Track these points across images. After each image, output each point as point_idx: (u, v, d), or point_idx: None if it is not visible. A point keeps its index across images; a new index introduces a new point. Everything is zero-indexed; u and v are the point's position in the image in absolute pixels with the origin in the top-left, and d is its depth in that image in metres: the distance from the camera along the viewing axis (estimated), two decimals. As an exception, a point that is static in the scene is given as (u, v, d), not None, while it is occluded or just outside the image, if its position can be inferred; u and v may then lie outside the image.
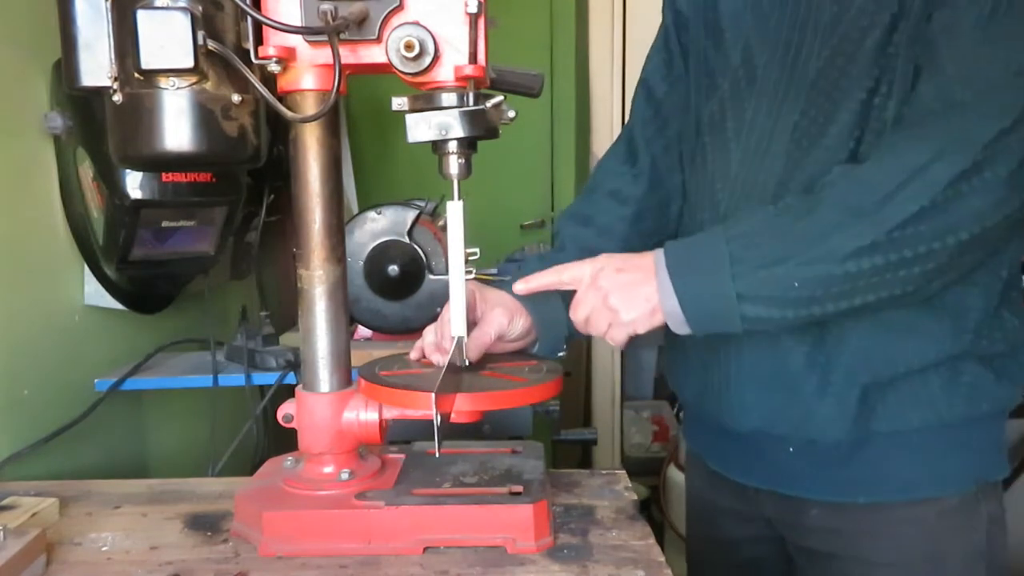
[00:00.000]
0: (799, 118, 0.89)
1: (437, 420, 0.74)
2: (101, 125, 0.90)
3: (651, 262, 0.84)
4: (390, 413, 0.87)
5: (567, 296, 0.91)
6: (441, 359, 0.91)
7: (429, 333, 0.95)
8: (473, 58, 0.77)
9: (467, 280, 0.84)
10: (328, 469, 0.88)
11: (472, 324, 0.93)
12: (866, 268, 0.76)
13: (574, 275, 0.88)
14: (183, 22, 0.78)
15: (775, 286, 0.79)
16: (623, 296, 0.84)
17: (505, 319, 0.95)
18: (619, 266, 0.86)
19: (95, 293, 1.36)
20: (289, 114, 0.79)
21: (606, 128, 2.90)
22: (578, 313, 0.88)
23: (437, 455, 0.79)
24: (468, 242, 0.81)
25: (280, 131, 1.32)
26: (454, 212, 0.80)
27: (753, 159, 0.93)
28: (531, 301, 0.97)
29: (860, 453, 0.91)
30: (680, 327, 0.84)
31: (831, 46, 0.86)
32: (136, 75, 0.81)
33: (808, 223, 0.79)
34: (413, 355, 0.97)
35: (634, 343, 0.88)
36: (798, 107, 0.89)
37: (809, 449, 0.93)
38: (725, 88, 0.97)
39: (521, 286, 0.91)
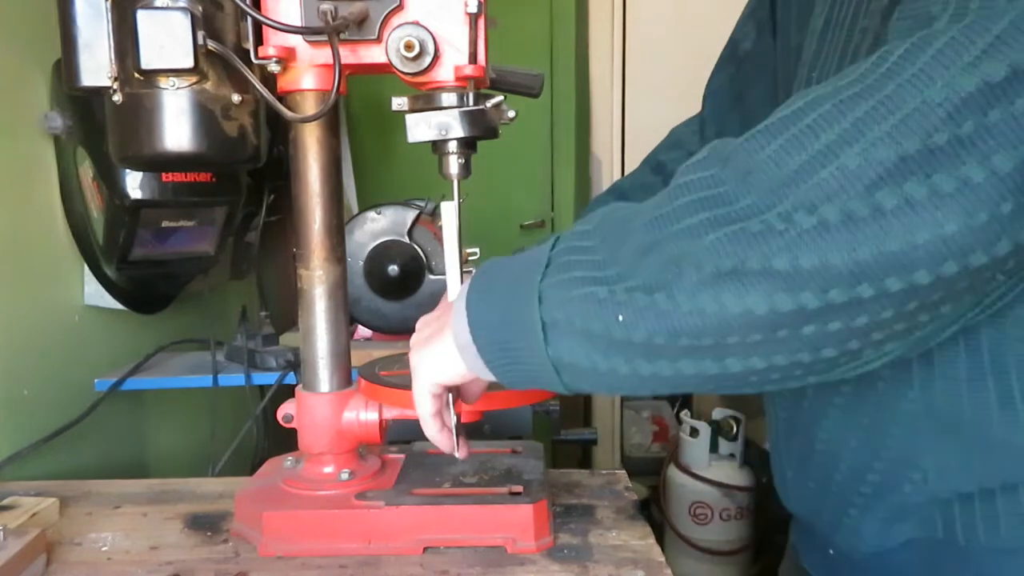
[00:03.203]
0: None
1: (453, 420, 0.73)
2: (101, 125, 0.90)
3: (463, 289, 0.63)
4: (390, 413, 0.87)
5: None
6: None
7: None
8: (473, 58, 0.77)
9: (465, 275, 0.83)
10: (328, 469, 0.88)
11: None
12: (734, 312, 0.49)
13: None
14: (183, 22, 0.78)
15: (592, 315, 0.53)
16: (422, 344, 0.68)
17: None
18: (432, 315, 0.71)
19: (95, 293, 1.36)
20: (289, 114, 0.79)
21: (606, 128, 2.90)
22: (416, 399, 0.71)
23: (458, 455, 0.77)
24: (468, 242, 0.81)
25: (280, 131, 1.32)
26: (448, 212, 0.80)
27: None
28: None
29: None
30: (483, 371, 0.61)
31: None
32: (136, 75, 0.81)
33: (654, 221, 0.53)
34: None
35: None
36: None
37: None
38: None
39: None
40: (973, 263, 0.46)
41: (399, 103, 0.80)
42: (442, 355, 0.64)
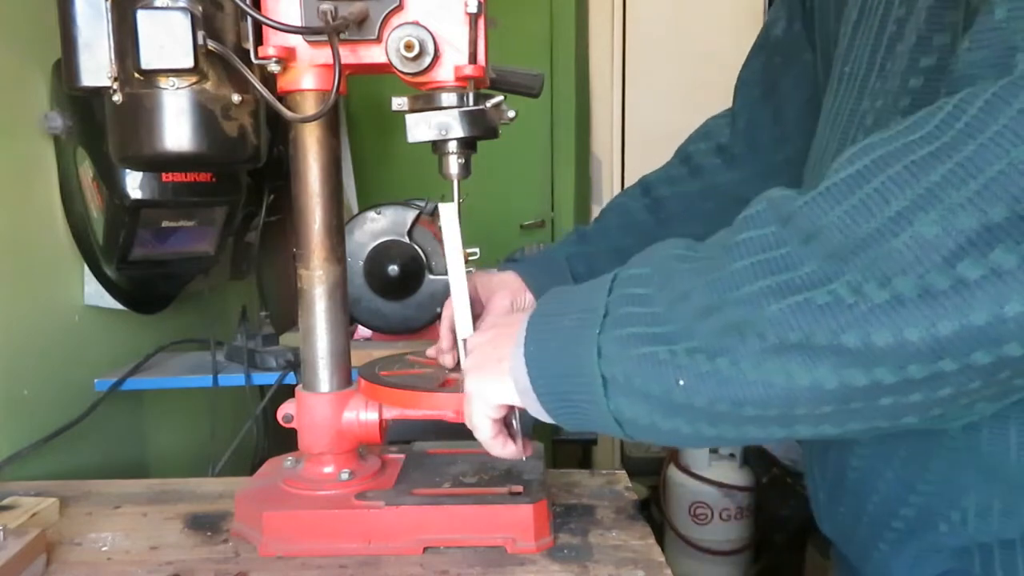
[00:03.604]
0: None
1: (518, 428, 0.71)
2: (101, 125, 0.90)
3: (523, 317, 0.62)
4: (390, 413, 0.87)
5: (575, 268, 0.88)
6: (453, 362, 0.89)
7: (444, 338, 0.91)
8: (473, 58, 0.77)
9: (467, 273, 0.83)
10: (328, 469, 0.88)
11: (477, 316, 0.90)
12: (802, 385, 0.46)
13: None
14: (183, 22, 0.78)
15: (652, 377, 0.51)
16: (478, 371, 0.66)
17: (507, 300, 0.90)
18: (493, 323, 0.69)
19: (95, 293, 1.36)
20: (289, 114, 0.79)
21: (606, 128, 2.91)
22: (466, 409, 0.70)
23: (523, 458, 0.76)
24: (468, 242, 0.81)
25: (280, 131, 1.32)
26: (447, 213, 0.80)
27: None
28: (533, 276, 0.92)
29: None
30: (544, 416, 0.60)
31: None
32: (136, 75, 0.81)
33: (715, 282, 0.50)
34: (430, 352, 0.94)
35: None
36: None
37: None
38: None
39: None
40: None
41: (399, 103, 0.80)
42: (501, 384, 0.63)
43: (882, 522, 0.67)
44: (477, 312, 0.88)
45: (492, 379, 0.64)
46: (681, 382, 0.50)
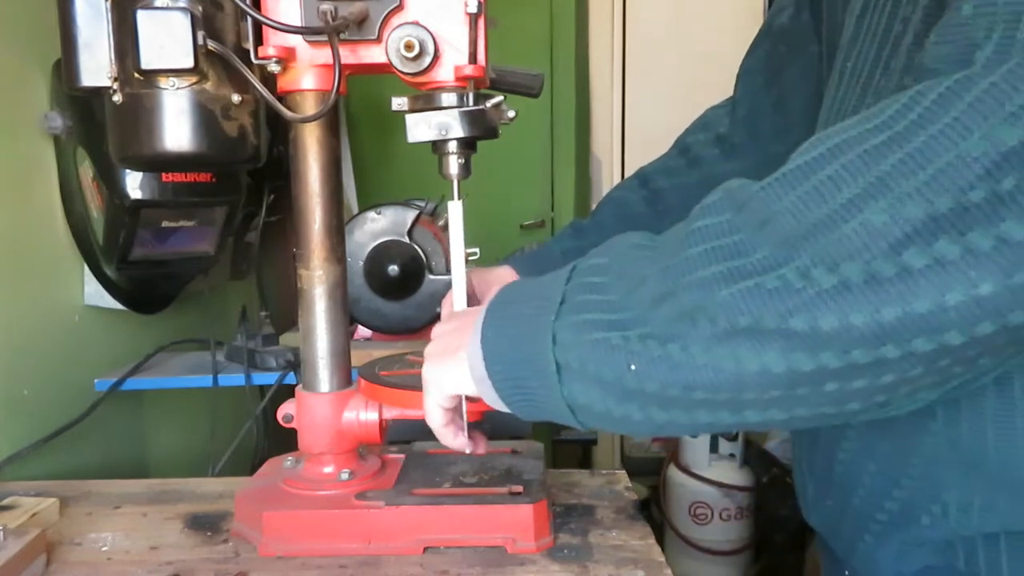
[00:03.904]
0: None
1: (465, 410, 0.72)
2: (101, 125, 0.90)
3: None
4: (390, 413, 0.87)
5: (571, 262, 0.88)
6: None
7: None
8: (473, 58, 0.77)
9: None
10: (328, 469, 0.88)
11: None
12: (751, 369, 0.47)
13: None
14: (183, 22, 0.78)
15: (605, 362, 0.51)
16: (435, 358, 0.66)
17: None
18: (449, 325, 0.68)
19: (95, 293, 1.36)
20: (289, 114, 0.79)
21: (606, 128, 2.91)
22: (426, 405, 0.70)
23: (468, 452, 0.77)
24: (468, 242, 0.81)
25: (280, 131, 1.32)
26: (455, 212, 0.80)
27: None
28: (529, 271, 0.91)
29: None
30: (498, 404, 0.61)
31: None
32: (136, 75, 0.81)
33: (669, 269, 0.50)
34: None
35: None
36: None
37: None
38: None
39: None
40: (1012, 322, 0.42)
41: (399, 103, 0.80)
42: (456, 372, 0.63)
43: (867, 515, 0.68)
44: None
45: (448, 367, 0.64)
46: (633, 367, 0.50)
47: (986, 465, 0.59)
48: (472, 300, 0.91)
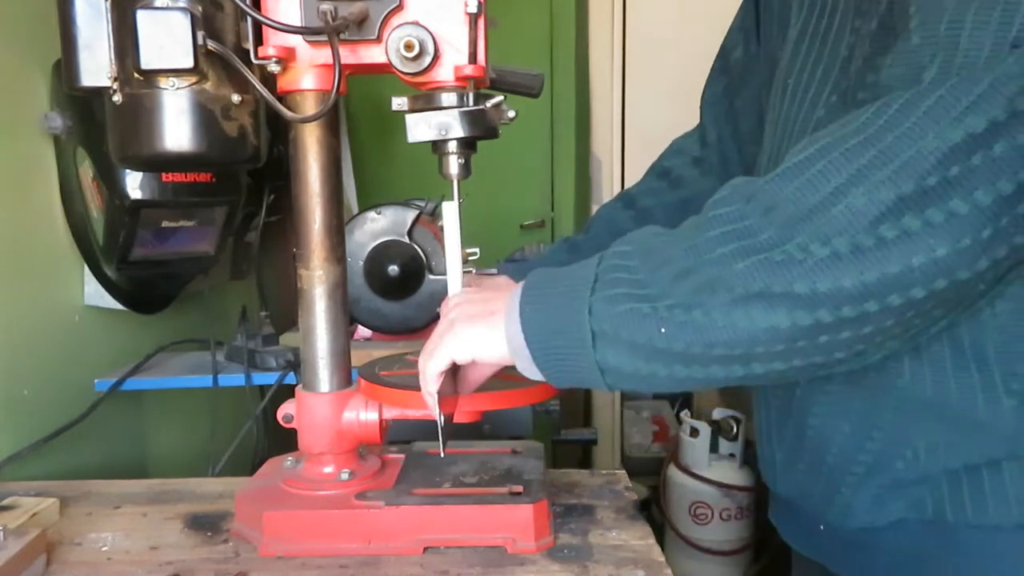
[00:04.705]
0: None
1: (440, 421, 0.74)
2: (101, 125, 0.90)
3: (514, 284, 0.70)
4: (390, 413, 0.87)
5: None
6: None
7: None
8: (473, 58, 0.77)
9: (465, 275, 0.83)
10: (328, 469, 0.88)
11: None
12: (761, 327, 0.58)
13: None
14: (183, 22, 0.78)
15: (637, 328, 0.61)
16: (465, 324, 0.70)
17: None
18: (485, 289, 0.74)
19: (95, 293, 1.36)
20: (289, 114, 0.79)
21: (606, 128, 2.90)
22: (426, 346, 0.74)
23: (442, 455, 0.78)
24: (468, 242, 0.81)
25: (280, 131, 1.32)
26: (450, 213, 0.80)
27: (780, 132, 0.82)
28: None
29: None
30: (532, 371, 0.68)
31: None
32: (136, 75, 0.81)
33: (690, 249, 0.61)
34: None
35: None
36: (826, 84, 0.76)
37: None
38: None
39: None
40: (959, 278, 0.55)
41: (399, 103, 0.80)
42: (490, 336, 0.69)
43: (842, 469, 0.77)
44: None
45: (485, 330, 0.69)
46: (663, 330, 0.60)
47: (948, 410, 0.70)
48: None
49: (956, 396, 0.69)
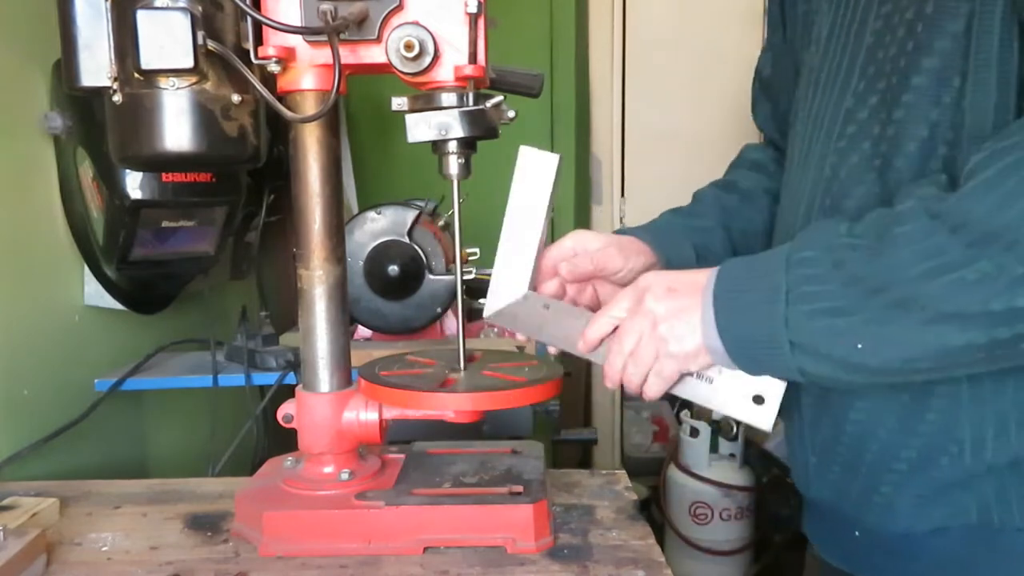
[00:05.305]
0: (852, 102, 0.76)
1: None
2: (101, 125, 0.90)
3: (703, 283, 0.71)
4: (390, 413, 0.87)
5: (694, 240, 0.91)
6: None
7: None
8: (473, 58, 0.77)
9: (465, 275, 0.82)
10: (328, 469, 0.88)
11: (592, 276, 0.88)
12: (957, 345, 0.60)
13: (620, 304, 0.77)
14: (183, 22, 0.78)
15: (834, 343, 0.64)
16: (672, 324, 0.72)
17: (643, 263, 0.88)
18: (669, 285, 0.74)
19: (95, 293, 1.36)
20: (289, 114, 0.79)
21: (606, 128, 2.90)
22: (624, 343, 0.75)
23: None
24: (468, 242, 0.81)
25: (280, 131, 1.32)
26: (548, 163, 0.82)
27: (808, 151, 0.82)
28: (661, 246, 0.91)
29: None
30: (730, 365, 0.72)
31: None
32: (136, 75, 0.81)
33: (882, 268, 0.62)
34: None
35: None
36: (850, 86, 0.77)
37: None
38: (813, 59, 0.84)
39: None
40: None
41: (399, 103, 0.80)
42: (691, 339, 0.72)
43: (883, 467, 0.76)
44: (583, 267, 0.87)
45: (679, 324, 0.72)
46: (859, 346, 0.63)
47: (1002, 399, 0.70)
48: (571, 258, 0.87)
49: (1013, 385, 0.69)
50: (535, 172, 0.83)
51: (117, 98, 0.83)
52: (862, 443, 0.77)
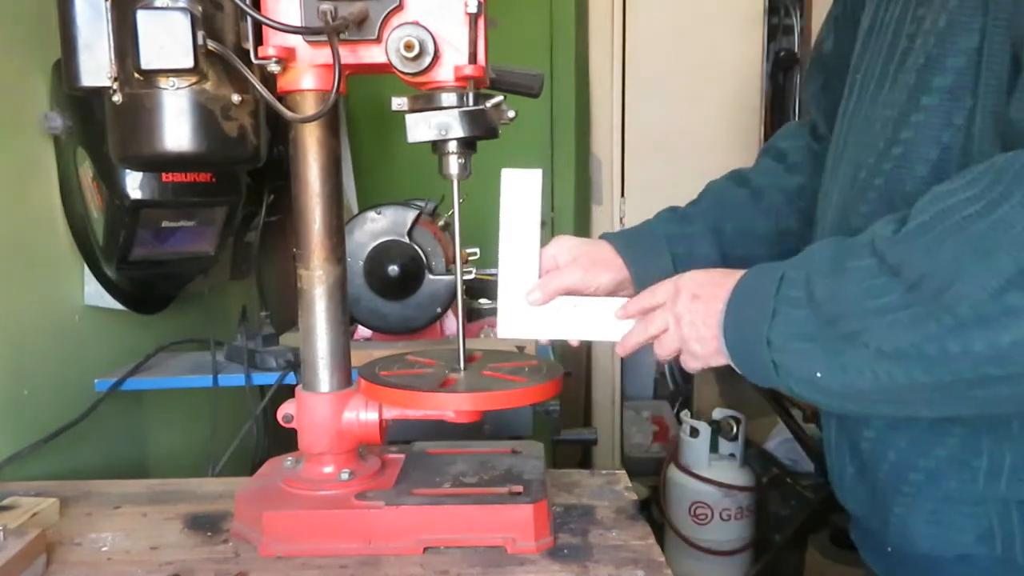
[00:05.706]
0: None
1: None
2: (101, 125, 0.90)
3: (724, 295, 0.73)
4: (390, 413, 0.87)
5: (674, 248, 0.91)
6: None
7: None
8: (473, 58, 0.77)
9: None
10: (328, 469, 0.88)
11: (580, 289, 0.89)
12: (904, 384, 0.61)
13: (661, 290, 0.80)
14: (183, 22, 0.78)
15: (804, 366, 0.66)
16: (693, 327, 0.75)
17: (611, 278, 0.89)
18: (695, 292, 0.76)
19: (95, 293, 1.36)
20: (289, 114, 0.79)
21: (606, 128, 2.90)
22: (649, 329, 0.79)
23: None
24: (468, 242, 0.81)
25: (280, 131, 1.32)
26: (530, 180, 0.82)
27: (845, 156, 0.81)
28: (633, 257, 0.91)
29: None
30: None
31: None
32: (136, 75, 0.81)
33: (836, 299, 0.64)
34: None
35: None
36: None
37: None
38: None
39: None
40: None
41: (399, 103, 0.80)
42: (706, 332, 0.74)
43: (893, 488, 0.76)
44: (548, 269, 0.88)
45: (703, 329, 0.75)
46: (818, 374, 0.65)
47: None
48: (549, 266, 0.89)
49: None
50: (521, 190, 0.84)
51: (117, 98, 0.83)
52: (874, 462, 0.78)
